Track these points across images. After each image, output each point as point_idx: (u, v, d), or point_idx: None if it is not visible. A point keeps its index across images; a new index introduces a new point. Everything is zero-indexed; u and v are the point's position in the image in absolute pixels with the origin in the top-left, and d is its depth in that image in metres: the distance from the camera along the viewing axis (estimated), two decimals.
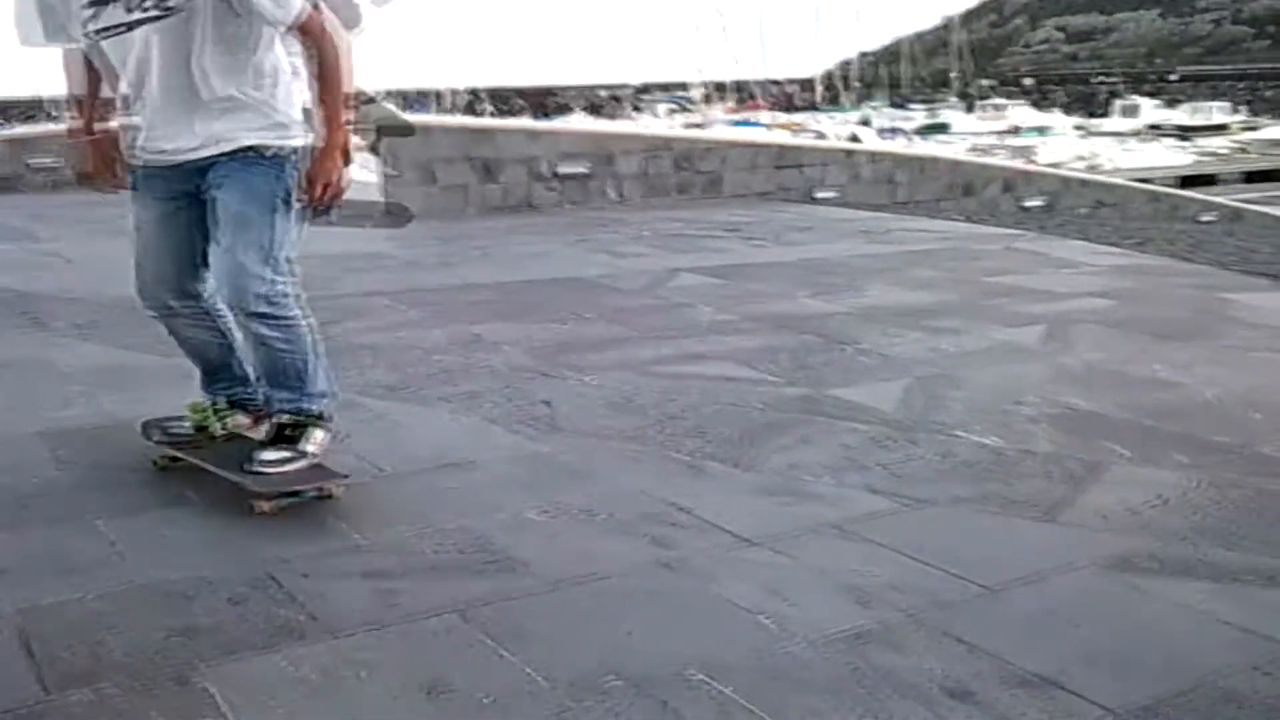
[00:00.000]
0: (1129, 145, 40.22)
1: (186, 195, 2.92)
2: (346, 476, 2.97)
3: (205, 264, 2.99)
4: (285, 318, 2.89)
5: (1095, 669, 2.17)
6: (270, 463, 2.89)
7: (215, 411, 3.17)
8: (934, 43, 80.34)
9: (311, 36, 2.83)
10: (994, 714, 2.01)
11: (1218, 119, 51.30)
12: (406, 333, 5.12)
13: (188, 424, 3.16)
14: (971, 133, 43.55)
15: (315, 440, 2.96)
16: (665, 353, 4.73)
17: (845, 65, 75.67)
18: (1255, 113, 57.23)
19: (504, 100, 72.45)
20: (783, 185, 11.23)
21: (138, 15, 2.73)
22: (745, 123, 42.33)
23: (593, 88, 76.70)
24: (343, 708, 2.04)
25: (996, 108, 55.79)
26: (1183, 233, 10.78)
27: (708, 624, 2.37)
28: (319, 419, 2.99)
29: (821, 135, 34.51)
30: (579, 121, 46.87)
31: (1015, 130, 44.97)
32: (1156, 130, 46.62)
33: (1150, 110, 54.31)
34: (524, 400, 3.97)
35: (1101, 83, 70.92)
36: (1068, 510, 3.00)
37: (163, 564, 2.60)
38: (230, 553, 2.66)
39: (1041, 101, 65.08)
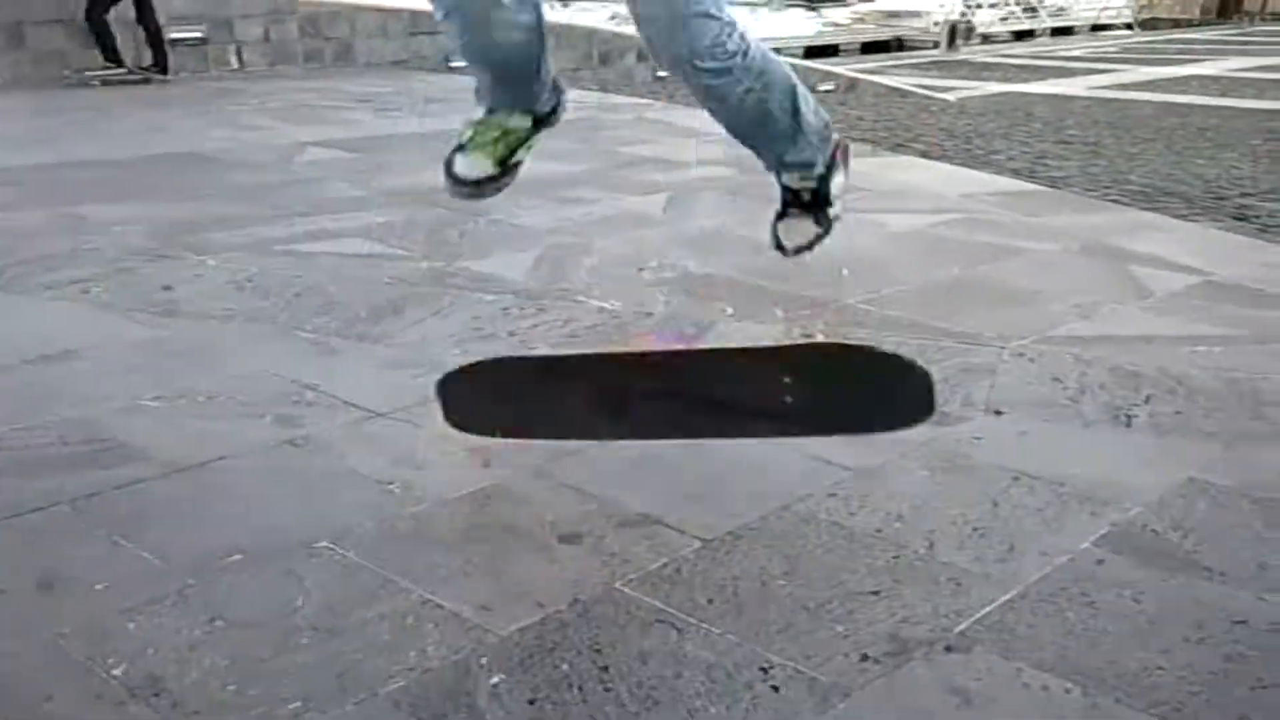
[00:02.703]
0: (761, 15, 41.80)
1: None
2: None
3: None
4: (747, 54, 2.27)
5: (692, 505, 2.40)
6: (800, 248, 2.45)
7: (522, 139, 2.40)
8: None
9: None
10: (601, 552, 2.20)
11: None
12: None
13: (489, 164, 2.40)
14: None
15: (837, 189, 2.45)
16: (293, 231, 4.62)
17: None
18: None
19: None
20: (419, 53, 11.00)
21: None
22: None
23: None
24: None
25: None
26: None
27: (334, 496, 2.41)
28: (832, 165, 2.42)
29: None
30: None
31: None
32: (787, 1, 48.55)
33: None
34: (139, 286, 3.79)
35: None
36: None
37: None
38: None
39: None
